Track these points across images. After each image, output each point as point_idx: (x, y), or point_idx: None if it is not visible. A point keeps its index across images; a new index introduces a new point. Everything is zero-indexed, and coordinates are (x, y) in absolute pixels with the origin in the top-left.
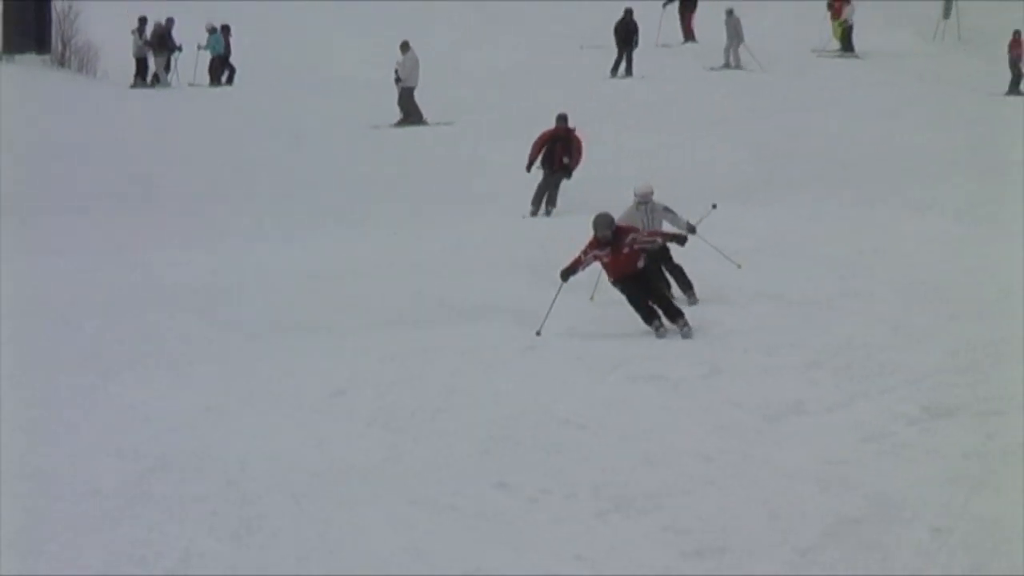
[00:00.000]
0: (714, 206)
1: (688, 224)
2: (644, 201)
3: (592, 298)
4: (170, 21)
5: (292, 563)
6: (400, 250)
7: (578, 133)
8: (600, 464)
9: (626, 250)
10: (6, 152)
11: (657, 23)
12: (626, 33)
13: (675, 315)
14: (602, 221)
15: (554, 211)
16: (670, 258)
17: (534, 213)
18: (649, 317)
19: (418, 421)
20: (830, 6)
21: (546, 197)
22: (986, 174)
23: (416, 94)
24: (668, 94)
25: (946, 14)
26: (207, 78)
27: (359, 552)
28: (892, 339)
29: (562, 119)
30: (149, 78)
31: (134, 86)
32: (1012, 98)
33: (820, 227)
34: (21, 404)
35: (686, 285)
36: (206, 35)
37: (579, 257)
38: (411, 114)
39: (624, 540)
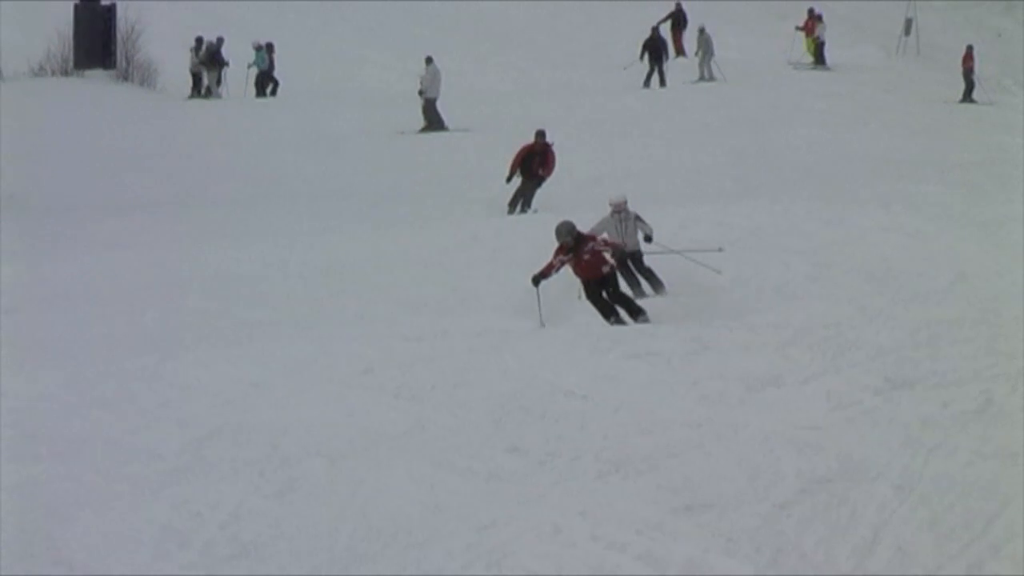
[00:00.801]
0: (720, 249)
1: (649, 234)
2: (619, 210)
3: (579, 297)
4: (220, 40)
5: (328, 517)
6: (422, 245)
7: (553, 148)
8: (600, 431)
9: (586, 256)
10: (77, 157)
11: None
12: (655, 49)
13: (636, 312)
14: (563, 229)
15: (531, 211)
16: (641, 260)
17: (511, 213)
18: (606, 314)
19: (438, 394)
20: (802, 26)
21: (522, 200)
22: (941, 173)
23: (438, 104)
24: (656, 105)
25: (907, 31)
26: (253, 91)
27: (387, 508)
28: (858, 319)
29: (540, 135)
30: (203, 91)
31: (190, 98)
32: (965, 105)
33: (792, 222)
34: (93, 381)
35: (657, 283)
36: (252, 52)
37: (551, 263)
38: (434, 122)
39: (622, 498)
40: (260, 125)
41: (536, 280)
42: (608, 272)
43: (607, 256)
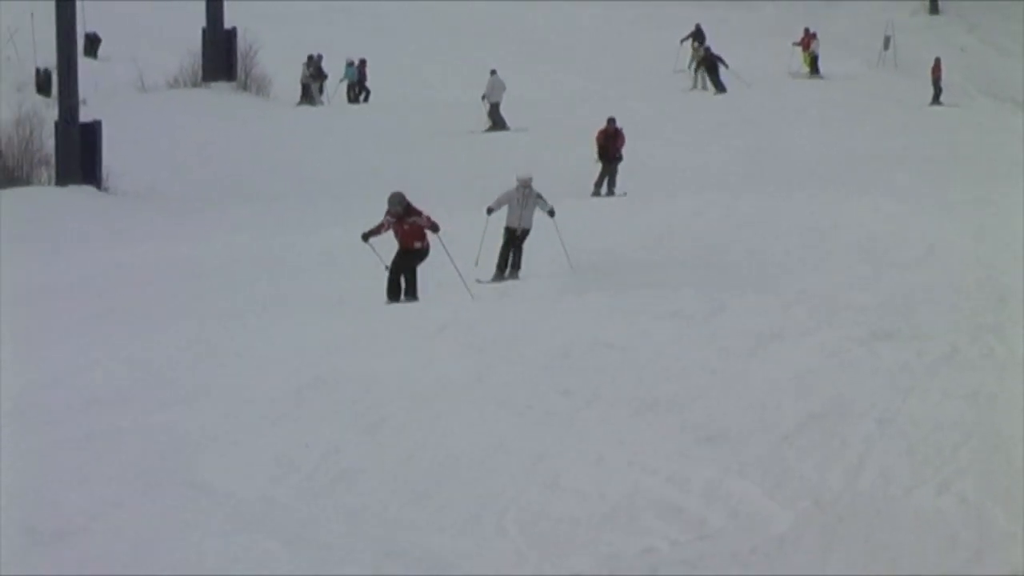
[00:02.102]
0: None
1: (551, 210)
2: (524, 186)
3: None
4: (320, 56)
5: (410, 449)
6: (482, 223)
7: (623, 131)
8: (635, 377)
9: (406, 226)
10: (204, 155)
11: (676, 54)
12: (711, 63)
13: (408, 292)
14: (394, 199)
15: (620, 193)
16: (524, 239)
17: (595, 195)
18: (391, 293)
19: (500, 347)
20: (799, 42)
21: (607, 181)
22: (916, 164)
23: (500, 108)
24: (671, 110)
25: (886, 46)
26: (346, 98)
27: (458, 441)
28: (846, 285)
29: (611, 121)
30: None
31: (299, 104)
32: (934, 108)
33: (790, 207)
34: (215, 338)
35: (517, 265)
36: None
37: (381, 223)
38: (497, 123)
39: (653, 432)
40: (354, 127)
41: (365, 236)
42: (419, 248)
43: (426, 234)
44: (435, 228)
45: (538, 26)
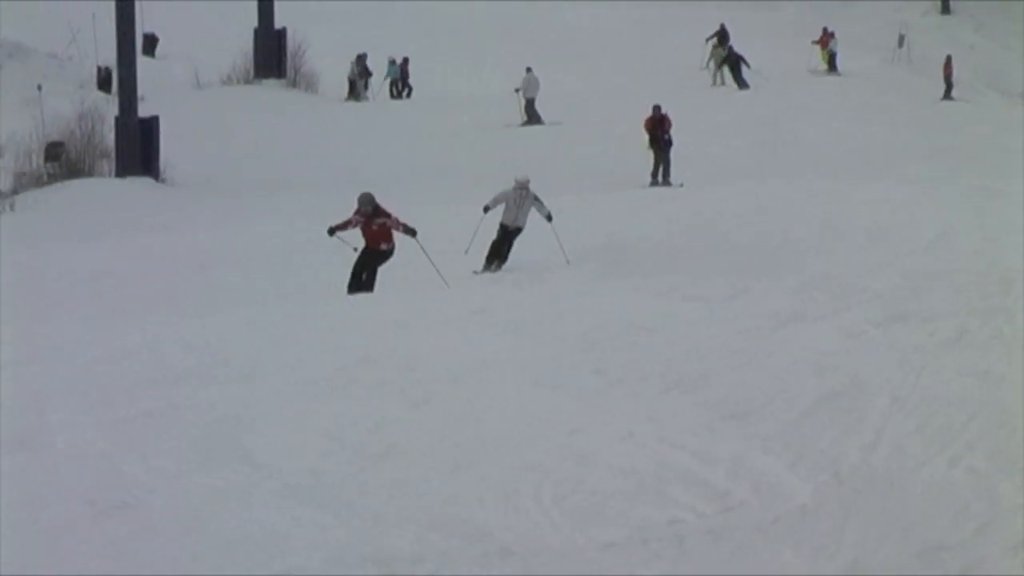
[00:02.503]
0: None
1: (548, 214)
2: (521, 188)
3: (466, 252)
4: (365, 55)
5: (452, 424)
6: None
7: (669, 116)
8: (663, 357)
9: (374, 227)
10: (256, 147)
11: (701, 52)
12: (735, 60)
13: (366, 287)
14: (363, 198)
15: (678, 184)
16: (516, 237)
17: (654, 183)
18: (352, 286)
19: (536, 328)
20: (817, 41)
21: (662, 170)
22: (926, 156)
23: (536, 103)
24: (696, 104)
25: (900, 44)
26: (388, 94)
27: (497, 417)
28: (862, 268)
29: (657, 108)
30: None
31: (346, 100)
32: (945, 103)
33: (810, 195)
34: (266, 320)
35: (504, 258)
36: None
37: (349, 219)
38: (532, 117)
39: (680, 408)
40: (396, 122)
41: (331, 231)
42: (384, 250)
43: (392, 236)
44: (412, 232)
45: (570, 25)
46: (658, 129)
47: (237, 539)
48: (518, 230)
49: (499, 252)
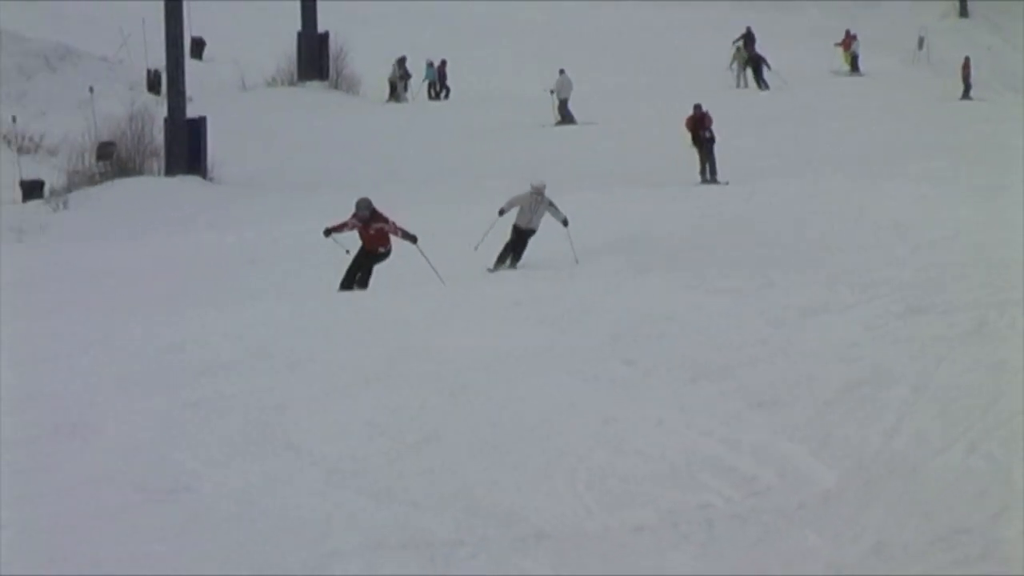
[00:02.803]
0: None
1: (564, 219)
2: (537, 193)
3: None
4: (404, 58)
5: (488, 413)
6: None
7: (709, 113)
8: (691, 347)
9: (372, 231)
10: (299, 147)
11: (728, 54)
12: (757, 62)
13: (361, 285)
14: (361, 203)
15: (723, 183)
16: (529, 238)
17: (702, 182)
18: (345, 285)
19: (570, 321)
20: (840, 43)
21: (708, 168)
22: (946, 152)
23: (569, 104)
24: (723, 104)
25: (920, 46)
26: (426, 96)
27: (532, 406)
28: (883, 263)
29: (697, 107)
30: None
31: (388, 101)
32: (964, 102)
33: (834, 189)
34: (311, 311)
35: (518, 258)
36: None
37: (345, 222)
38: (566, 117)
39: (709, 397)
40: (434, 121)
41: (327, 232)
42: (381, 253)
43: (389, 239)
44: (413, 239)
45: (601, 27)
46: (699, 127)
47: (282, 523)
48: (531, 232)
49: (512, 251)
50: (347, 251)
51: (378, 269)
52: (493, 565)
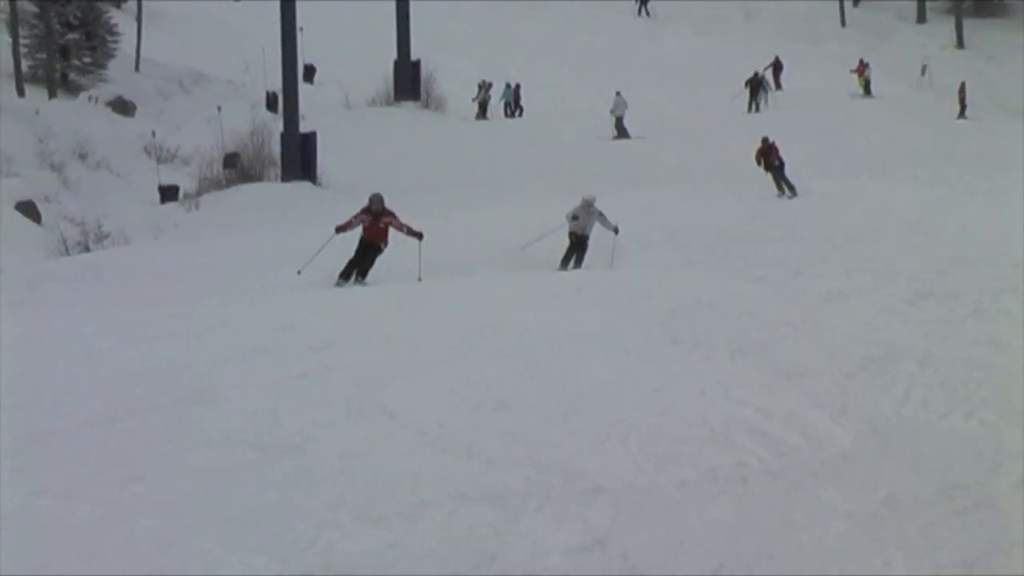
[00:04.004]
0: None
1: (615, 228)
2: (587, 205)
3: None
4: (490, 83)
5: (554, 384)
6: (610, 207)
7: (776, 144)
8: (729, 329)
9: (381, 224)
10: (395, 157)
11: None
12: (758, 84)
13: (361, 275)
14: (375, 198)
15: (788, 195)
16: (586, 244)
17: (779, 196)
18: (344, 273)
19: (623, 304)
20: (855, 70)
21: (784, 185)
22: (946, 161)
23: (624, 121)
24: (753, 121)
25: (923, 73)
26: (503, 114)
27: (592, 377)
28: (896, 255)
29: (764, 140)
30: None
31: (477, 118)
32: (960, 121)
33: (854, 192)
34: (394, 296)
35: (580, 262)
36: (502, 89)
37: (351, 219)
38: (621, 132)
39: (744, 370)
40: (510, 135)
41: (338, 230)
42: (380, 248)
43: (388, 236)
44: (419, 236)
45: (656, 56)
46: (769, 155)
47: (378, 478)
48: (585, 239)
49: (571, 257)
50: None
51: (461, 254)
52: (558, 514)
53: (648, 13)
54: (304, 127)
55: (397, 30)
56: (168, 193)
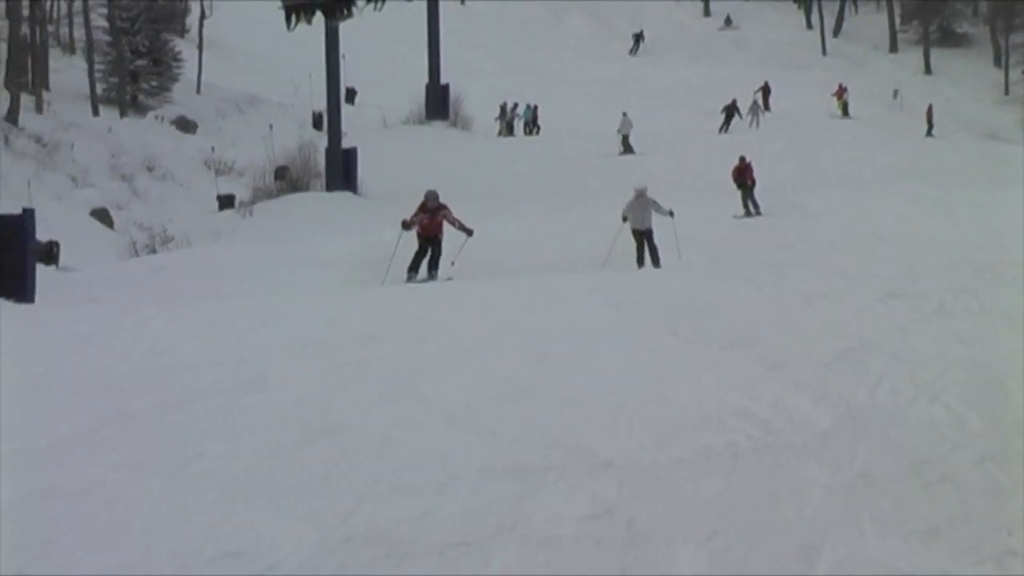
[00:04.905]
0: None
1: (670, 211)
2: (640, 195)
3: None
4: (515, 104)
5: (568, 375)
6: (617, 215)
7: (752, 164)
8: (723, 323)
9: (438, 218)
10: (426, 171)
11: (746, 102)
12: (731, 111)
13: (432, 267)
14: (431, 194)
15: (755, 214)
16: (652, 238)
17: (745, 215)
18: (412, 267)
19: (631, 303)
20: (834, 93)
21: (751, 203)
22: (920, 176)
23: (630, 138)
24: (743, 141)
25: (895, 96)
26: (523, 132)
27: (600, 369)
28: (872, 260)
29: (742, 159)
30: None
31: (500, 135)
32: (928, 139)
33: (831, 207)
34: (426, 294)
35: (655, 259)
36: (522, 110)
37: (413, 217)
38: (628, 149)
39: (735, 361)
40: (530, 151)
41: (404, 225)
42: (439, 239)
43: (452, 228)
44: (469, 232)
45: (658, 82)
46: (744, 174)
47: (412, 455)
48: (648, 231)
49: (641, 255)
50: (452, 263)
51: (488, 257)
52: (571, 487)
53: (637, 53)
54: (346, 143)
55: (428, 58)
56: (225, 201)
